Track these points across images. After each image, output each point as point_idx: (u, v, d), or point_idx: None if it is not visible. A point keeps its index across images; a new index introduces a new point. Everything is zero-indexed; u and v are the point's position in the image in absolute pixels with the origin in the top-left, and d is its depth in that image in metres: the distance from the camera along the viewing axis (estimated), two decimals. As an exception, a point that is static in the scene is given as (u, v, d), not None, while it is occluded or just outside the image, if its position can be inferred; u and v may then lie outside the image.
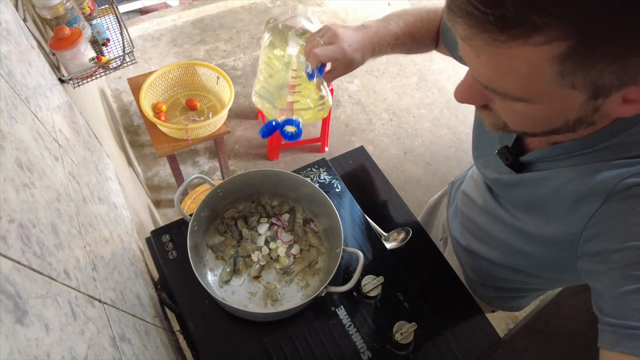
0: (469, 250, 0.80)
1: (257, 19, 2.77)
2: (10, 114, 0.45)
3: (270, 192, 0.86)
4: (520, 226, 0.61)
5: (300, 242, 0.82)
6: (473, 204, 0.77)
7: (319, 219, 0.84)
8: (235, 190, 0.81)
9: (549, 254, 0.57)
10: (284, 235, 0.83)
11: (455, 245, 0.89)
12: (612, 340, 0.41)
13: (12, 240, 0.33)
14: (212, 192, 0.76)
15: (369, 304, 0.77)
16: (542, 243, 0.57)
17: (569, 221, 0.51)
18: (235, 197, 0.83)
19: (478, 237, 0.77)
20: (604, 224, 0.46)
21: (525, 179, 0.58)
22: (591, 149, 0.49)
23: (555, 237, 0.54)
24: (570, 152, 0.51)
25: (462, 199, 0.84)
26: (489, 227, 0.71)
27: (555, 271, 0.61)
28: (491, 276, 0.80)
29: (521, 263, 0.67)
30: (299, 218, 0.85)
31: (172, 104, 1.63)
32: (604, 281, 0.45)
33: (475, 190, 0.77)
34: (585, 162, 0.50)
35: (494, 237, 0.70)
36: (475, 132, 0.72)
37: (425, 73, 2.65)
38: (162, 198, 1.99)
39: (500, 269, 0.75)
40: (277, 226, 0.84)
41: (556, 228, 0.53)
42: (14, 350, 0.27)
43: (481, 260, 0.78)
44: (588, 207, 0.48)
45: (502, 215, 0.65)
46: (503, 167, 0.62)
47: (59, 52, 0.94)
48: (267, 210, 0.85)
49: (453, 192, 0.96)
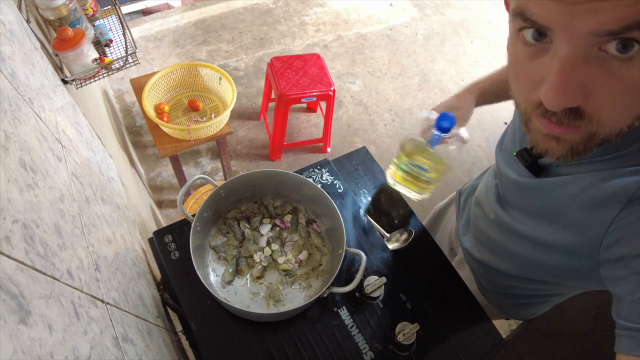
0: (484, 262, 0.79)
1: (259, 19, 2.78)
2: (14, 115, 0.45)
3: (272, 193, 0.86)
4: (536, 236, 0.60)
5: (307, 246, 0.82)
6: (485, 217, 0.76)
7: (321, 220, 0.84)
8: (238, 190, 0.81)
9: (568, 262, 0.56)
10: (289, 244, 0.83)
11: (467, 257, 0.87)
12: (629, 344, 0.41)
13: (16, 241, 0.33)
14: (214, 193, 0.76)
15: (372, 304, 0.77)
16: (560, 252, 0.56)
17: (587, 228, 0.50)
18: (237, 197, 0.83)
19: (491, 249, 0.76)
20: (625, 229, 0.45)
21: (545, 184, 0.57)
22: (612, 155, 0.48)
23: (573, 245, 0.53)
24: (592, 157, 0.50)
25: (475, 211, 0.82)
26: (503, 240, 0.70)
27: (575, 278, 0.60)
28: (508, 286, 0.79)
29: (539, 273, 0.66)
30: (301, 219, 0.85)
31: (175, 104, 1.64)
32: (624, 286, 0.44)
33: (487, 203, 0.76)
34: (606, 167, 0.49)
35: (508, 250, 0.69)
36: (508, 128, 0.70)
37: (428, 74, 2.65)
38: (165, 198, 2.00)
39: (517, 280, 0.74)
40: (279, 228, 0.84)
41: (574, 235, 0.52)
42: (17, 350, 0.27)
43: (496, 272, 0.77)
44: (608, 213, 0.47)
45: (515, 227, 0.64)
46: (522, 169, 0.60)
47: (62, 53, 0.94)
48: (269, 211, 0.85)
49: (462, 201, 0.94)
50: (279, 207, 0.86)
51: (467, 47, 2.85)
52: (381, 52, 2.72)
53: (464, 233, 0.88)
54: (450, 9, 3.09)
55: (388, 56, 2.71)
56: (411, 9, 3.04)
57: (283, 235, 0.83)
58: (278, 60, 1.96)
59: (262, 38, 2.68)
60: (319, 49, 2.68)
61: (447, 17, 3.03)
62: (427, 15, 3.02)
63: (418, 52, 2.76)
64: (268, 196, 0.86)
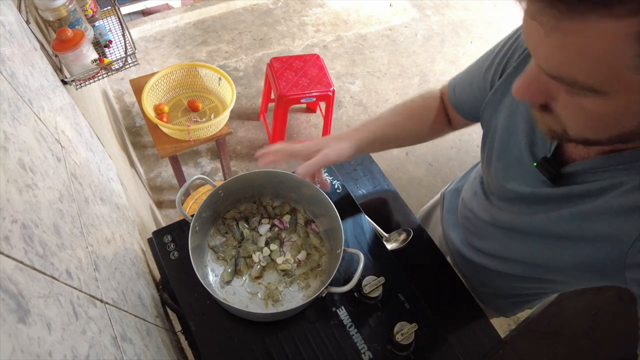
0: (482, 265, 0.77)
1: (259, 20, 2.78)
2: (14, 116, 0.45)
3: (271, 193, 0.86)
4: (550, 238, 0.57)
5: (305, 246, 0.82)
6: (478, 219, 0.74)
7: (320, 220, 0.84)
8: (237, 191, 0.81)
9: (584, 265, 0.54)
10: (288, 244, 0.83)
11: (458, 260, 0.86)
12: None
13: (15, 240, 0.33)
14: (213, 193, 0.76)
15: (370, 304, 0.77)
16: (578, 254, 0.54)
17: (617, 231, 0.48)
18: (236, 197, 0.83)
19: (489, 253, 0.74)
20: None
21: (576, 191, 0.53)
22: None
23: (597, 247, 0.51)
24: (630, 161, 0.47)
25: (464, 213, 0.80)
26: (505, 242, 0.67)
27: (590, 278, 0.58)
28: (506, 287, 0.78)
29: (544, 273, 0.64)
30: (300, 219, 0.85)
31: (174, 105, 1.64)
32: None
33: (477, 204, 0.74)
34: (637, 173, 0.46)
35: (511, 251, 0.66)
36: (502, 139, 0.65)
37: (427, 74, 2.65)
38: (164, 199, 2.00)
39: (517, 280, 0.72)
40: (278, 228, 0.84)
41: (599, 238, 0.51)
42: (16, 349, 0.27)
43: (493, 275, 0.75)
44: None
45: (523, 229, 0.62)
46: (538, 181, 0.58)
47: (61, 54, 0.95)
48: (268, 211, 0.86)
49: (446, 204, 0.93)
50: (278, 207, 0.86)
51: (466, 47, 2.85)
52: (381, 53, 2.72)
53: (455, 237, 0.86)
54: (450, 10, 3.09)
55: (388, 56, 2.71)
56: (411, 10, 3.05)
57: (282, 235, 0.84)
58: (277, 60, 1.96)
59: (262, 38, 2.68)
60: (318, 49, 2.68)
61: (447, 17, 3.04)
62: (426, 15, 3.02)
63: (418, 53, 2.76)
64: (267, 196, 0.87)
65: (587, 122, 0.41)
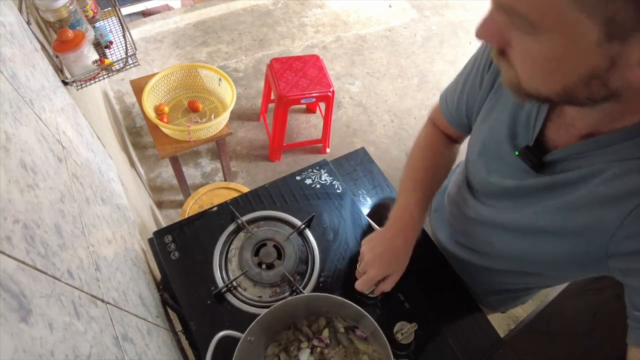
0: (468, 261, 0.77)
1: (259, 21, 2.78)
2: (15, 116, 0.45)
3: (304, 315, 0.76)
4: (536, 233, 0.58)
5: (349, 353, 0.72)
6: (463, 215, 0.74)
7: (362, 323, 0.73)
8: (269, 327, 0.73)
9: (568, 256, 0.54)
10: None
11: (447, 257, 0.87)
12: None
13: (17, 241, 0.33)
14: (242, 343, 0.66)
15: (370, 304, 0.77)
16: (563, 246, 0.54)
17: (600, 220, 0.49)
18: (269, 334, 0.74)
19: (474, 249, 0.75)
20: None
21: (558, 181, 0.54)
22: (632, 141, 0.46)
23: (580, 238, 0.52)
24: (608, 145, 0.48)
25: (450, 209, 0.81)
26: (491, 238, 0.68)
27: (573, 270, 0.59)
28: (494, 282, 0.78)
29: (532, 267, 0.65)
30: (339, 327, 0.75)
31: (175, 105, 1.64)
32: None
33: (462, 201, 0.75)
34: (625, 156, 0.47)
35: (497, 247, 0.67)
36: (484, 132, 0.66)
37: (427, 74, 2.65)
38: (165, 199, 2.00)
39: (504, 275, 0.73)
40: (319, 348, 0.73)
41: (583, 229, 0.51)
42: (18, 348, 0.27)
43: (480, 270, 0.76)
44: (625, 205, 0.46)
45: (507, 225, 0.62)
46: (521, 172, 0.58)
47: (62, 55, 0.95)
48: (304, 333, 0.75)
49: (433, 203, 0.93)
50: (314, 325, 0.76)
51: (465, 48, 2.85)
52: (380, 53, 2.72)
53: (443, 235, 0.87)
54: (449, 10, 3.10)
55: (387, 57, 2.71)
56: (410, 10, 3.05)
57: (325, 353, 0.73)
58: (277, 61, 1.97)
59: (262, 39, 2.68)
60: (318, 50, 2.68)
61: (446, 18, 3.04)
62: (426, 16, 3.03)
63: (417, 53, 2.77)
64: (301, 318, 0.76)
65: (534, 70, 0.42)
